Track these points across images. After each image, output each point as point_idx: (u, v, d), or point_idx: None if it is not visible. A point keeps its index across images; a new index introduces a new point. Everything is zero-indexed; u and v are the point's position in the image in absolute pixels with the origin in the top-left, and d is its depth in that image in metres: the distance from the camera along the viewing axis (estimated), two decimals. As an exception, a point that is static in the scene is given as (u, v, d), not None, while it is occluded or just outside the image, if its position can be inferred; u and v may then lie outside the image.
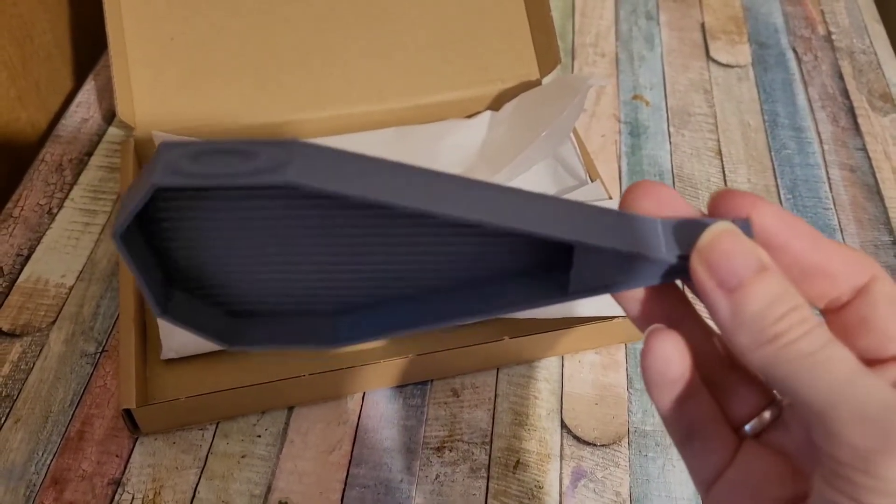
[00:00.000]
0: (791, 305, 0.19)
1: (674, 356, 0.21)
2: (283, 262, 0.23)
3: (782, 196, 0.56)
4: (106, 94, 0.61)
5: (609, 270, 0.22)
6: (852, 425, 0.18)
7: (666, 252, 0.21)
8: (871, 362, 0.21)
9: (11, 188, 0.55)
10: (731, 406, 0.24)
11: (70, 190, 0.55)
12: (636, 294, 0.23)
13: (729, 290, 0.19)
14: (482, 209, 0.21)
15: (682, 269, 0.21)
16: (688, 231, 0.21)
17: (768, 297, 0.19)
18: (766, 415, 0.23)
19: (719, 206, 0.22)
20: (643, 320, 0.23)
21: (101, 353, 0.46)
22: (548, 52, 0.57)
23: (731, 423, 0.23)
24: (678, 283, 0.23)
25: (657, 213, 0.22)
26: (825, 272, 0.21)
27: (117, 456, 0.42)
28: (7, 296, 0.49)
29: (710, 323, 0.23)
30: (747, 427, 0.23)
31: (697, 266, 0.20)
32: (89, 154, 0.57)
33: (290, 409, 0.44)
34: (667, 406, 0.22)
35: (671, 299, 0.23)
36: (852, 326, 0.21)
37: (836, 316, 0.22)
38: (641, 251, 0.21)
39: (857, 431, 0.17)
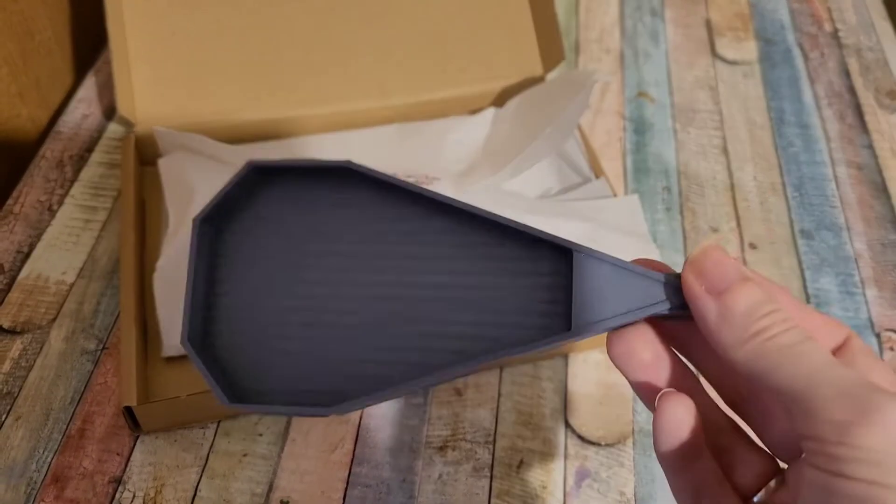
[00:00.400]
0: (772, 308, 0.21)
1: (686, 418, 0.23)
2: (302, 293, 0.25)
3: (789, 194, 0.56)
4: (107, 91, 0.61)
5: (606, 295, 0.23)
6: (831, 402, 0.19)
7: (654, 273, 0.23)
8: None
9: (12, 185, 0.55)
10: (737, 473, 0.25)
11: (70, 186, 0.54)
12: (641, 361, 0.24)
13: (717, 293, 0.22)
14: (498, 217, 0.23)
15: (672, 293, 0.23)
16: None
17: (753, 300, 0.21)
18: (772, 484, 0.25)
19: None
20: (647, 390, 0.25)
21: (101, 350, 0.46)
22: (552, 48, 0.57)
23: (737, 488, 0.25)
24: (682, 358, 0.25)
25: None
26: (808, 330, 0.23)
27: (118, 454, 0.41)
28: (7, 293, 0.48)
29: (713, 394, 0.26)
30: (756, 498, 0.25)
31: (689, 275, 0.22)
32: (90, 150, 0.57)
33: (292, 407, 0.43)
34: (676, 468, 0.24)
35: (676, 371, 0.25)
36: None
37: None
38: (638, 268, 0.23)
39: (836, 406, 0.19)
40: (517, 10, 0.58)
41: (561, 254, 0.24)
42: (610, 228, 0.47)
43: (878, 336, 0.48)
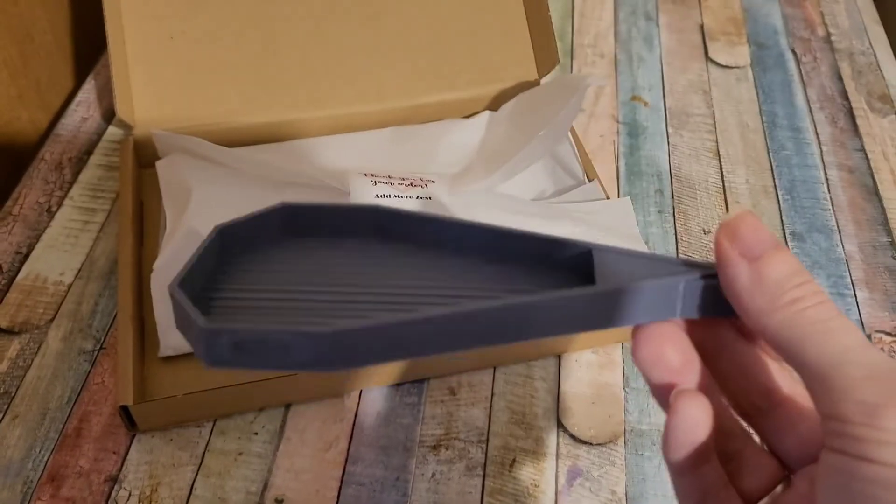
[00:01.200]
0: (806, 279, 0.21)
1: (702, 420, 0.22)
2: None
3: (780, 197, 0.56)
4: (106, 93, 0.61)
5: (627, 300, 0.23)
6: (860, 382, 0.19)
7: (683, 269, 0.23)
8: None
9: (11, 186, 0.56)
10: (743, 479, 0.24)
11: (69, 188, 0.55)
12: (669, 365, 0.23)
13: (752, 258, 0.21)
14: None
15: (699, 292, 0.23)
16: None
17: (788, 268, 0.21)
18: (779, 489, 0.24)
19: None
20: (668, 391, 0.24)
21: (98, 350, 0.46)
22: (546, 52, 0.57)
23: (742, 494, 0.24)
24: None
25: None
26: None
27: (114, 453, 0.42)
28: (6, 293, 0.49)
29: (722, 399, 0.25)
30: (763, 502, 0.24)
31: (723, 238, 0.21)
32: (89, 153, 0.58)
33: (287, 406, 0.44)
34: (684, 470, 0.23)
35: (700, 376, 0.24)
36: None
37: None
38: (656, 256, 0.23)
39: (865, 387, 0.18)
40: (512, 14, 0.58)
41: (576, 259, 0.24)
42: (602, 231, 0.47)
43: (868, 337, 0.48)
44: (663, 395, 0.23)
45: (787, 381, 0.24)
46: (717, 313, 0.23)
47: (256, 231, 0.25)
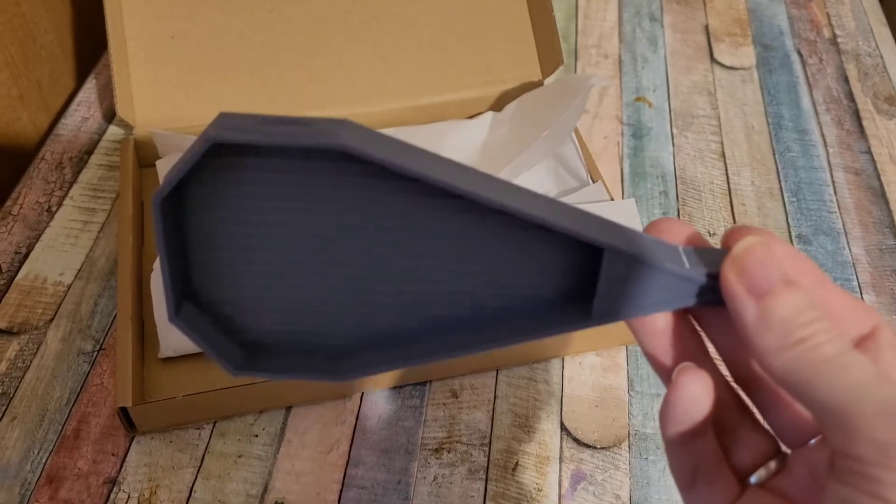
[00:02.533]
0: (815, 315, 0.20)
1: (702, 397, 0.22)
2: (302, 270, 0.23)
3: (786, 199, 0.56)
4: (107, 93, 0.61)
5: (633, 290, 0.22)
6: (875, 420, 0.18)
7: (690, 268, 0.22)
8: None
9: (11, 186, 0.55)
10: (737, 452, 0.24)
11: (69, 188, 0.55)
12: (653, 327, 0.23)
13: (759, 295, 0.20)
14: (520, 201, 0.21)
15: (702, 291, 0.22)
16: (709, 255, 0.22)
17: (796, 305, 0.20)
18: (773, 464, 0.24)
19: (733, 239, 0.22)
20: (658, 359, 0.24)
21: (98, 351, 0.46)
22: (550, 52, 0.57)
23: (735, 468, 0.24)
24: (697, 328, 0.24)
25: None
26: (831, 313, 0.22)
27: (113, 455, 0.41)
28: (5, 293, 0.48)
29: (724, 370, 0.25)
30: (754, 477, 0.24)
31: (729, 272, 0.21)
32: (89, 153, 0.57)
33: (288, 408, 0.43)
34: (678, 444, 0.23)
35: (689, 341, 0.24)
36: None
37: None
38: (667, 263, 0.22)
39: (879, 425, 0.18)
40: (516, 14, 0.58)
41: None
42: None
43: (875, 340, 0.47)
44: (656, 363, 0.24)
45: None
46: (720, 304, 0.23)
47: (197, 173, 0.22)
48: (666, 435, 0.23)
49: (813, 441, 0.23)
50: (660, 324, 0.23)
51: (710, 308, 0.23)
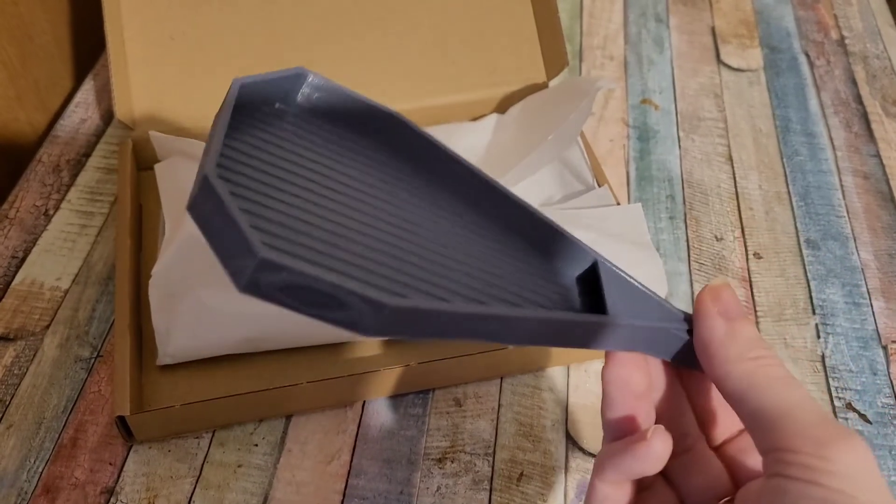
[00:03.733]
0: (768, 346, 0.25)
1: (663, 457, 0.24)
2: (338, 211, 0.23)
3: (794, 203, 0.55)
4: (105, 95, 0.60)
5: (631, 307, 0.25)
6: (813, 424, 0.22)
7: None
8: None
9: (8, 189, 0.55)
10: (691, 491, 0.27)
11: (67, 191, 0.54)
12: (631, 385, 0.26)
13: (729, 318, 0.25)
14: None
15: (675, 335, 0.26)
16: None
17: (756, 334, 0.25)
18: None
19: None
20: (623, 422, 0.26)
21: (95, 358, 0.45)
22: (555, 54, 0.56)
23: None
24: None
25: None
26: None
27: (111, 464, 0.41)
28: (1, 299, 0.48)
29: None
30: None
31: (706, 296, 0.26)
32: (87, 155, 0.56)
33: (289, 417, 0.43)
34: (608, 486, 0.26)
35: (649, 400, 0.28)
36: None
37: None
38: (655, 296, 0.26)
39: (817, 427, 0.22)
40: (521, 15, 0.57)
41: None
42: (613, 237, 0.46)
43: (884, 348, 0.47)
44: (615, 419, 0.26)
45: (698, 434, 0.28)
46: (683, 363, 0.26)
47: (274, 98, 0.24)
48: (610, 479, 0.25)
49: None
50: (640, 388, 0.26)
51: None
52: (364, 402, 0.43)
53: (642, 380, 0.26)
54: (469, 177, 0.26)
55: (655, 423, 0.27)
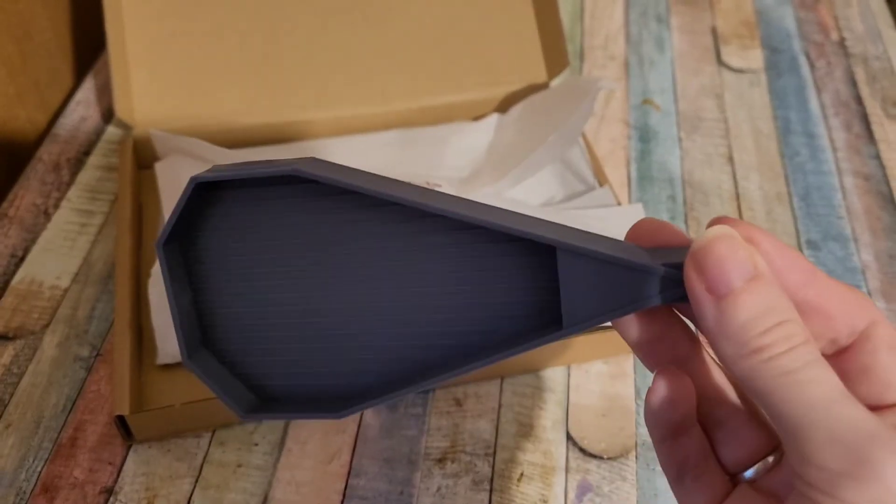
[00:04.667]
0: (778, 319, 0.18)
1: (678, 398, 0.22)
2: (290, 315, 0.24)
3: (795, 204, 0.55)
4: (105, 93, 0.60)
5: (598, 293, 0.21)
6: (825, 447, 0.17)
7: (648, 262, 0.21)
8: (871, 408, 0.20)
9: (8, 187, 0.54)
10: (730, 448, 0.23)
11: (67, 190, 0.54)
12: (633, 341, 0.23)
13: (718, 296, 0.19)
14: (463, 207, 0.22)
15: (669, 286, 0.20)
16: (674, 252, 0.21)
17: (756, 308, 0.18)
18: (770, 460, 0.23)
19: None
20: (644, 351, 0.23)
21: (95, 357, 0.45)
22: (556, 54, 0.56)
23: (728, 464, 0.24)
24: (686, 321, 0.24)
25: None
26: (821, 311, 0.21)
27: (110, 463, 0.41)
28: (1, 297, 0.47)
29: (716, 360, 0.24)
30: (748, 473, 0.23)
31: (690, 269, 0.19)
32: (87, 153, 0.56)
33: (289, 417, 0.43)
34: (661, 441, 0.23)
35: (679, 344, 0.23)
36: (852, 373, 0.21)
37: (836, 361, 0.21)
38: (624, 256, 0.21)
39: (829, 453, 0.17)
40: (522, 15, 0.57)
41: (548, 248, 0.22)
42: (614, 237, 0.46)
43: (886, 349, 0.47)
44: (642, 354, 0.23)
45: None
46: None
47: (195, 218, 0.24)
48: (649, 432, 0.23)
49: None
50: (632, 335, 0.23)
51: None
52: (364, 401, 0.43)
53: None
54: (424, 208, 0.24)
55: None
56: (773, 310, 0.19)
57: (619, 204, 0.49)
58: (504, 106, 0.56)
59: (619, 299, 0.21)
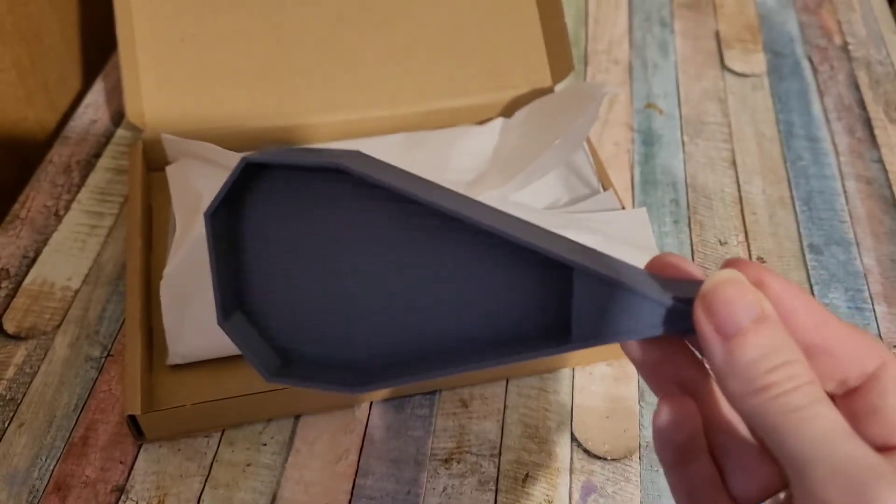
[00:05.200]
0: (784, 359, 0.19)
1: (685, 424, 0.22)
2: (322, 289, 0.26)
3: (797, 208, 0.56)
4: (115, 95, 0.61)
5: (609, 315, 0.22)
6: (826, 481, 0.18)
7: (660, 295, 0.22)
8: (879, 449, 0.20)
9: (19, 189, 0.55)
10: (739, 480, 0.24)
11: (77, 192, 0.54)
12: (638, 362, 0.24)
13: (726, 336, 0.20)
14: (501, 222, 0.23)
15: (677, 318, 0.22)
16: (688, 286, 0.22)
17: (763, 348, 0.19)
18: (781, 496, 0.23)
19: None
20: (651, 376, 0.24)
21: (106, 357, 0.45)
22: (561, 58, 0.56)
23: (738, 496, 0.24)
24: (692, 348, 0.24)
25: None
26: (831, 352, 0.21)
27: (121, 462, 0.41)
28: (13, 298, 0.48)
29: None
30: None
31: (698, 310, 0.20)
32: (97, 156, 0.57)
33: (297, 417, 0.43)
34: (670, 468, 0.23)
35: (685, 370, 0.24)
36: (861, 414, 0.21)
37: (845, 402, 0.22)
38: (638, 287, 0.22)
39: (831, 488, 0.17)
40: (527, 20, 0.58)
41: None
42: (618, 241, 0.47)
43: (887, 353, 0.47)
44: (648, 378, 0.24)
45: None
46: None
47: (240, 195, 0.26)
48: (660, 460, 0.23)
49: None
50: (635, 356, 0.23)
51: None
52: (371, 402, 0.44)
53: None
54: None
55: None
56: (779, 350, 0.19)
57: (622, 208, 0.50)
58: (509, 110, 0.57)
59: (628, 324, 0.22)
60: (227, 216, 0.25)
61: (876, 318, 0.49)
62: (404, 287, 0.25)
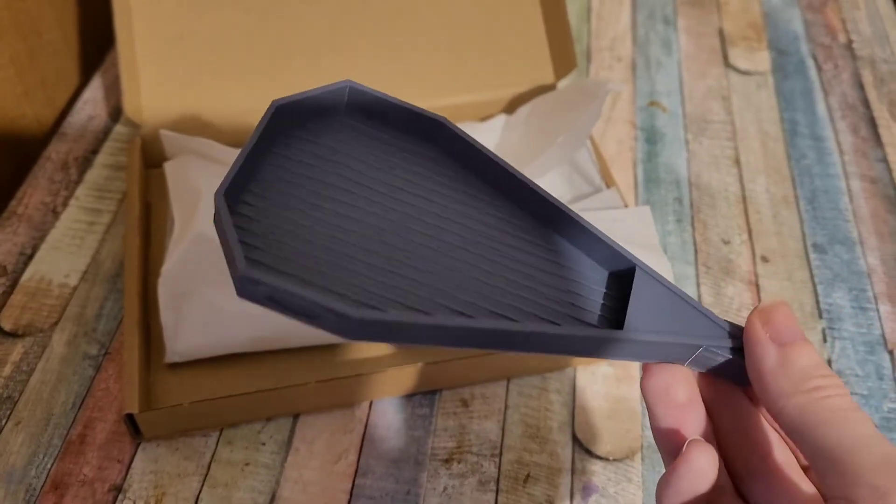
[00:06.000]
0: (830, 372, 0.22)
1: (709, 471, 0.23)
2: (346, 228, 0.24)
3: (801, 207, 0.55)
4: (113, 92, 0.60)
5: (661, 315, 0.24)
6: (874, 469, 0.20)
7: (708, 311, 0.25)
8: None
9: (16, 185, 0.55)
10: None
11: (75, 188, 0.54)
12: (674, 400, 0.25)
13: (781, 343, 0.23)
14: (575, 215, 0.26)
15: (720, 336, 0.24)
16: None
17: (814, 359, 0.23)
18: None
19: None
20: (668, 435, 0.25)
21: (104, 355, 0.45)
22: (564, 55, 0.56)
23: None
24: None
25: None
26: None
27: (119, 461, 0.41)
28: (10, 295, 0.48)
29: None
30: None
31: (756, 319, 0.23)
32: (95, 152, 0.57)
33: (296, 416, 0.43)
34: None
35: (702, 422, 0.26)
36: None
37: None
38: (691, 301, 0.25)
39: (879, 473, 0.20)
40: (529, 16, 0.57)
41: (620, 260, 0.25)
42: (621, 239, 0.46)
43: (891, 353, 0.47)
44: (662, 434, 0.25)
45: (782, 450, 0.25)
46: (729, 378, 0.25)
47: (315, 112, 0.26)
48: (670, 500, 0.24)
49: None
50: (681, 397, 0.25)
51: (721, 397, 0.26)
52: (371, 402, 0.43)
53: (684, 389, 0.24)
54: (507, 178, 0.27)
55: (720, 440, 0.25)
56: (825, 365, 0.23)
57: (626, 206, 0.50)
58: (511, 107, 0.56)
59: (675, 327, 0.24)
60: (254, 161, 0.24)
61: (879, 317, 0.49)
62: (443, 247, 0.25)
